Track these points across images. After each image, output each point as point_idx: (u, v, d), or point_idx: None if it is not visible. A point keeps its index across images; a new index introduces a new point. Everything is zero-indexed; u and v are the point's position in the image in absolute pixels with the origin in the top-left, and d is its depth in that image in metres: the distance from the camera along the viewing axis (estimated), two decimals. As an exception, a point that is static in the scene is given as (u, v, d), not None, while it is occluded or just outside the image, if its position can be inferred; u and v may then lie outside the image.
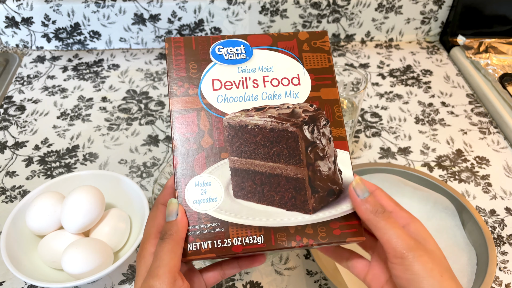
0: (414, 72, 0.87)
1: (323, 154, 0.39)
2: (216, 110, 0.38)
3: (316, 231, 0.37)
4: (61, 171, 0.66)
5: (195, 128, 0.38)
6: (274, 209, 0.37)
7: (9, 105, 0.77)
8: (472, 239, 0.55)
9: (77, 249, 0.49)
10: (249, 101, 0.39)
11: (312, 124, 0.39)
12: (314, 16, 0.89)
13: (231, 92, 0.39)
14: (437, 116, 0.77)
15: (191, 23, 0.88)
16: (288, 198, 0.38)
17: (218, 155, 0.38)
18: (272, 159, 0.38)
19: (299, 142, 0.38)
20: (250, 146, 0.38)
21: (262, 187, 0.38)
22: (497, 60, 0.86)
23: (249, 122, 0.38)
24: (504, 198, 0.63)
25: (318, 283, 0.53)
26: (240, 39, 0.40)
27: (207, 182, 0.37)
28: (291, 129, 0.38)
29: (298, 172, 0.38)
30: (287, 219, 0.37)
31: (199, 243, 0.35)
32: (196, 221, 0.36)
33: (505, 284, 0.54)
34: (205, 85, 0.39)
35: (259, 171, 0.38)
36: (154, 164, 0.67)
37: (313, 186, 0.38)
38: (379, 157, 0.69)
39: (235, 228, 0.36)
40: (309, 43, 0.41)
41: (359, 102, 0.57)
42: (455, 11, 0.89)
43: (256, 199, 0.38)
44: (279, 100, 0.39)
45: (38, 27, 0.86)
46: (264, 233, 0.36)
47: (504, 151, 0.70)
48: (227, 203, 0.37)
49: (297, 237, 0.36)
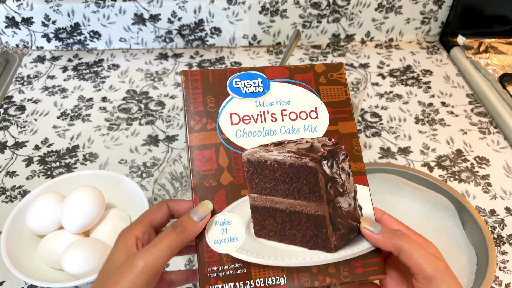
0: (414, 72, 0.87)
1: (343, 189, 0.38)
2: (235, 146, 0.38)
3: (338, 270, 0.36)
4: (61, 171, 0.66)
5: (214, 164, 0.37)
6: (296, 248, 0.37)
7: (9, 105, 0.77)
8: (472, 239, 0.55)
9: (77, 249, 0.49)
10: (268, 136, 0.38)
11: (331, 159, 0.38)
12: (314, 16, 0.89)
13: (250, 126, 0.38)
14: (437, 116, 0.77)
15: (191, 23, 0.88)
16: (309, 237, 0.37)
17: (238, 192, 0.37)
18: (293, 196, 0.38)
19: (318, 178, 0.38)
20: (270, 182, 0.38)
21: (283, 225, 0.37)
22: (497, 60, 0.86)
23: (268, 157, 0.38)
24: (504, 198, 0.63)
25: (318, 283, 0.53)
26: (257, 72, 0.40)
27: (228, 221, 0.36)
28: (311, 164, 0.38)
29: (319, 209, 0.37)
30: (309, 259, 0.36)
31: (221, 285, 0.34)
32: (217, 262, 0.35)
33: (505, 284, 0.54)
34: (223, 120, 0.38)
35: (280, 208, 0.38)
36: (154, 164, 0.67)
37: (334, 223, 0.37)
38: (379, 157, 0.69)
39: (257, 269, 0.35)
40: (326, 75, 0.41)
41: (359, 102, 0.57)
42: (455, 11, 0.89)
43: (278, 238, 0.37)
44: (297, 134, 0.39)
45: (38, 27, 0.86)
46: (286, 273, 0.35)
47: (504, 151, 0.71)
48: (249, 243, 0.36)
49: (320, 277, 0.36)
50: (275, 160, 0.38)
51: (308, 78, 0.40)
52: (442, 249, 0.55)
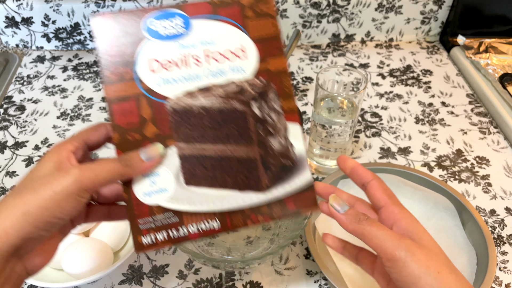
0: (414, 72, 0.87)
1: (274, 130, 0.37)
2: (157, 95, 0.35)
3: (271, 208, 0.36)
4: (61, 171, 0.66)
5: (136, 117, 0.35)
6: (228, 192, 0.36)
7: (9, 105, 0.77)
8: (472, 239, 0.55)
9: (77, 249, 0.49)
10: (192, 81, 0.36)
11: (261, 100, 0.37)
12: (314, 16, 0.89)
13: (172, 73, 0.36)
14: (437, 116, 0.77)
15: (191, 23, 0.88)
16: (241, 179, 0.37)
17: (164, 143, 0.35)
18: (222, 141, 0.37)
19: (248, 121, 0.37)
20: (197, 130, 0.36)
21: (214, 171, 0.37)
22: (497, 60, 0.86)
23: (194, 104, 0.36)
24: (504, 198, 0.63)
25: (318, 283, 0.53)
26: (176, 10, 0.36)
27: (156, 173, 0.35)
28: (240, 108, 0.37)
29: (250, 151, 0.37)
30: (241, 201, 0.36)
31: (154, 235, 0.35)
32: (148, 213, 0.35)
33: (505, 284, 0.54)
34: (142, 67, 0.35)
35: (209, 155, 0.37)
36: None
37: (265, 164, 0.37)
38: (379, 157, 0.69)
39: (189, 216, 0.35)
40: (253, 8, 0.37)
41: (359, 102, 0.57)
42: (455, 11, 0.89)
43: (209, 184, 0.36)
44: (224, 77, 0.37)
45: (38, 27, 0.86)
46: (220, 217, 0.36)
47: (504, 151, 0.70)
48: (179, 192, 0.35)
49: (252, 216, 0.36)
50: (201, 106, 0.36)
51: (234, 13, 0.37)
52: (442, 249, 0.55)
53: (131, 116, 0.35)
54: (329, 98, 0.59)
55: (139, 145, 0.35)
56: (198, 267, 0.55)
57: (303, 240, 0.58)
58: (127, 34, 0.35)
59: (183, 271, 0.54)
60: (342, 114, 0.60)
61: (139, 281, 0.53)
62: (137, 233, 0.35)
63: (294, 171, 0.37)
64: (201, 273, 0.54)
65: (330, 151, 0.62)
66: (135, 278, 0.53)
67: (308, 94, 0.81)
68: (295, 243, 0.57)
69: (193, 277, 0.54)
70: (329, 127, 0.59)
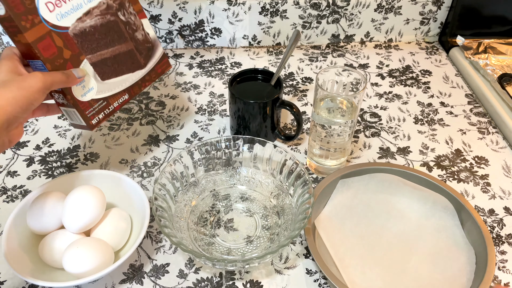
0: (413, 72, 0.87)
1: (136, 27, 0.56)
2: (61, 27, 0.48)
3: (150, 75, 0.59)
4: (62, 171, 0.66)
5: (54, 48, 0.48)
6: (126, 76, 0.57)
7: (10, 105, 0.77)
8: (471, 238, 0.55)
9: (78, 248, 0.49)
10: (78, 10, 0.50)
11: (122, 9, 0.54)
12: (314, 16, 0.89)
13: (63, 8, 0.48)
14: (436, 116, 0.77)
15: (192, 23, 0.88)
16: (130, 65, 0.57)
17: (78, 58, 0.51)
18: (111, 45, 0.54)
19: (120, 26, 0.54)
20: (94, 43, 0.52)
21: (113, 66, 0.55)
22: (496, 60, 0.86)
23: (85, 26, 0.51)
24: (503, 197, 0.64)
25: (317, 282, 0.53)
26: None
27: (82, 81, 0.51)
28: (112, 19, 0.53)
29: (128, 46, 0.56)
30: (135, 78, 0.58)
31: (96, 116, 0.54)
32: (88, 106, 0.53)
33: (504, 284, 0.54)
34: (43, 11, 0.47)
35: (107, 57, 0.54)
36: (155, 164, 0.67)
37: (139, 50, 0.57)
38: (379, 157, 0.69)
39: (111, 98, 0.55)
40: None
41: (358, 102, 0.58)
42: (454, 11, 0.89)
43: (114, 75, 0.55)
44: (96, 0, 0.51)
45: (38, 27, 0.86)
46: (127, 91, 0.57)
47: (503, 151, 0.71)
48: (100, 86, 0.54)
49: (142, 84, 0.59)
50: (90, 26, 0.51)
51: None
52: (441, 248, 0.55)
53: (51, 49, 0.48)
54: (328, 98, 0.60)
55: (64, 66, 0.49)
56: (198, 266, 0.55)
57: (302, 240, 0.58)
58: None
59: (184, 270, 0.54)
60: (342, 114, 0.60)
61: (140, 280, 0.53)
62: (88, 120, 0.53)
63: (154, 49, 0.59)
64: (202, 272, 0.54)
65: (329, 151, 0.62)
66: (135, 277, 0.54)
67: (308, 94, 0.81)
68: (295, 242, 0.58)
69: (193, 276, 0.54)
70: (328, 127, 0.60)
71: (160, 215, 0.52)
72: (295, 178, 0.58)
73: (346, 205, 0.60)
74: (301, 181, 0.56)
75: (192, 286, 0.53)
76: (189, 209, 0.60)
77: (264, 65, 0.88)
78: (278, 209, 0.60)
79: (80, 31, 0.50)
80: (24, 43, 0.46)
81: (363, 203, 0.60)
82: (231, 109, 0.69)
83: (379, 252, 0.55)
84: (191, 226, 0.58)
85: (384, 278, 0.52)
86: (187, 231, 0.57)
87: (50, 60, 0.48)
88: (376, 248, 0.55)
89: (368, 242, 0.56)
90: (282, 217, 0.59)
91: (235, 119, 0.69)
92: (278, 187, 0.61)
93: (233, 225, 0.59)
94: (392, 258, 0.54)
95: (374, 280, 0.52)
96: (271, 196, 0.61)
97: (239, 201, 0.61)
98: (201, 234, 0.57)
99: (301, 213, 0.53)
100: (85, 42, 0.51)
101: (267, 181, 0.62)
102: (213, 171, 0.63)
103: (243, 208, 0.61)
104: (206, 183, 0.63)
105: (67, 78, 0.48)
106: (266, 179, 0.63)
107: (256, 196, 0.62)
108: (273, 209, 0.60)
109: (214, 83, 0.83)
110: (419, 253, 0.55)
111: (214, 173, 0.63)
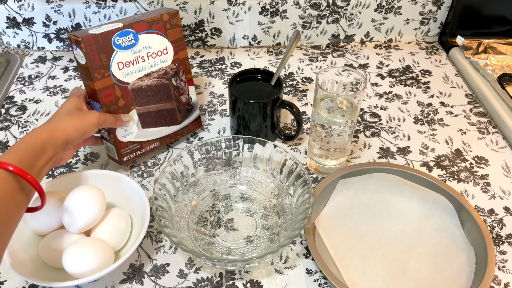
0: (413, 72, 0.87)
1: (182, 91, 0.66)
2: (123, 82, 0.60)
3: (182, 130, 0.69)
4: (62, 171, 0.66)
5: (113, 96, 0.59)
6: (163, 128, 0.67)
7: (10, 105, 0.77)
8: (471, 238, 0.55)
9: (78, 248, 0.49)
10: (141, 71, 0.61)
11: (176, 76, 0.65)
12: (313, 16, 0.89)
13: (130, 68, 0.60)
14: (436, 116, 0.77)
15: (192, 23, 0.88)
16: (168, 120, 0.67)
17: (129, 108, 0.61)
18: (158, 102, 0.64)
19: (170, 89, 0.65)
20: (145, 98, 0.63)
21: (155, 118, 0.65)
22: (496, 60, 0.86)
23: (142, 85, 0.62)
24: (503, 197, 0.64)
25: (317, 282, 0.54)
26: (129, 29, 0.58)
27: (127, 125, 0.62)
28: (166, 82, 0.64)
29: (172, 105, 0.66)
30: (169, 130, 0.68)
31: (128, 155, 0.64)
32: (125, 146, 0.63)
33: (504, 283, 0.54)
34: (114, 68, 0.58)
35: (152, 110, 0.64)
36: (155, 164, 0.67)
37: (179, 110, 0.67)
38: (378, 157, 0.69)
39: (145, 143, 0.65)
40: (170, 22, 0.61)
41: (358, 102, 0.58)
42: (454, 11, 0.89)
43: (153, 125, 0.65)
44: (157, 66, 0.62)
45: (39, 27, 0.87)
46: (159, 140, 0.67)
47: (503, 151, 0.71)
48: (139, 132, 0.64)
49: (174, 137, 0.68)
50: (146, 85, 0.62)
51: (160, 27, 0.61)
52: (441, 248, 0.55)
53: (110, 97, 0.59)
54: (328, 98, 0.60)
55: (116, 111, 0.60)
56: (198, 266, 0.55)
57: (302, 239, 0.58)
58: (104, 48, 0.56)
59: (184, 270, 0.54)
60: (342, 114, 0.60)
61: (140, 280, 0.53)
62: (121, 156, 0.63)
63: (192, 111, 0.69)
64: (202, 272, 0.54)
65: (329, 151, 0.62)
66: (136, 277, 0.54)
67: (308, 94, 0.81)
68: (295, 242, 0.58)
69: (193, 276, 0.54)
70: (328, 127, 0.60)
71: (160, 215, 0.52)
72: (295, 178, 0.58)
73: (346, 205, 0.60)
74: (301, 181, 0.56)
75: (192, 286, 0.53)
76: (189, 209, 0.60)
77: (264, 65, 0.88)
78: (278, 209, 0.60)
79: (137, 87, 0.61)
80: (92, 88, 0.57)
81: (363, 203, 0.60)
82: (231, 109, 0.69)
83: (379, 252, 0.55)
84: (191, 226, 0.58)
85: (384, 278, 0.52)
86: (187, 231, 0.57)
87: (107, 105, 0.58)
88: (376, 248, 0.55)
89: (368, 242, 0.56)
90: (282, 217, 0.59)
91: (235, 119, 0.69)
92: (278, 187, 0.61)
93: (233, 225, 0.59)
94: (392, 258, 0.54)
95: (374, 280, 0.52)
96: (271, 196, 0.61)
97: (239, 201, 0.62)
98: (201, 234, 0.57)
99: (301, 213, 0.53)
100: (139, 96, 0.62)
101: (267, 181, 0.62)
102: (213, 171, 0.63)
103: (243, 208, 0.61)
104: (206, 183, 0.63)
105: (116, 120, 0.59)
106: (266, 179, 0.63)
107: (256, 196, 0.62)
108: (273, 209, 0.60)
109: (214, 83, 0.83)
110: (419, 253, 0.55)
111: (214, 173, 0.63)
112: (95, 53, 0.55)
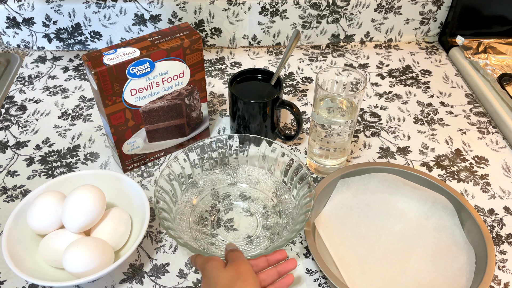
0: (413, 72, 0.87)
1: (194, 108, 0.66)
2: (134, 106, 0.59)
3: (189, 141, 0.69)
4: (62, 171, 0.66)
5: (122, 118, 0.59)
6: (170, 141, 0.67)
7: (10, 105, 0.77)
8: (471, 238, 0.55)
9: (78, 248, 0.49)
10: (154, 95, 0.60)
11: (190, 96, 0.64)
12: (313, 16, 0.89)
13: (143, 93, 0.59)
14: (436, 116, 0.77)
15: (192, 23, 0.88)
16: (176, 134, 0.67)
17: (138, 127, 0.62)
18: (168, 119, 0.64)
19: (182, 107, 0.64)
20: (155, 117, 0.63)
21: (163, 133, 0.65)
22: (496, 60, 0.86)
23: (154, 106, 0.61)
24: (502, 197, 0.64)
25: (317, 282, 0.54)
26: (146, 58, 0.56)
27: (133, 141, 0.63)
28: (178, 102, 0.63)
29: (182, 121, 0.66)
30: (176, 142, 0.68)
31: (132, 165, 0.65)
32: (129, 158, 0.64)
33: (504, 283, 0.54)
34: (127, 94, 0.58)
35: (161, 127, 0.64)
36: (155, 164, 0.67)
37: (188, 124, 0.67)
38: (378, 157, 0.69)
39: (150, 154, 0.66)
40: (190, 47, 0.59)
41: (358, 102, 0.58)
42: (454, 11, 0.89)
43: (161, 139, 0.66)
44: (171, 89, 0.61)
45: (39, 27, 0.87)
46: (164, 150, 0.67)
47: (503, 151, 0.71)
48: (145, 146, 0.65)
49: (180, 147, 0.69)
50: (158, 106, 0.62)
51: (179, 53, 0.59)
52: (441, 248, 0.55)
53: (120, 119, 0.59)
54: (328, 98, 0.60)
55: (124, 131, 0.61)
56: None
57: (302, 239, 0.58)
58: (117, 77, 0.55)
59: (184, 270, 0.54)
60: (342, 114, 0.60)
61: (140, 280, 0.53)
62: (125, 166, 0.65)
63: (201, 124, 0.69)
64: (202, 272, 0.54)
65: (329, 150, 0.62)
66: (136, 277, 0.54)
67: (308, 94, 0.81)
68: (295, 242, 0.58)
69: (193, 276, 0.54)
70: (328, 127, 0.60)
71: (163, 217, 0.52)
72: (298, 180, 0.58)
73: (346, 204, 0.60)
74: (304, 183, 0.56)
75: (192, 286, 0.53)
76: (189, 210, 0.60)
77: (264, 65, 0.88)
78: (279, 208, 0.60)
79: (149, 109, 0.61)
80: (101, 110, 0.58)
81: (363, 203, 0.60)
82: (231, 109, 0.69)
83: (379, 252, 0.55)
84: (192, 226, 0.58)
85: (384, 278, 0.52)
86: (188, 231, 0.57)
87: (115, 126, 0.59)
88: (376, 248, 0.55)
89: (368, 242, 0.56)
90: (283, 217, 0.59)
91: (235, 119, 0.69)
92: (278, 186, 0.61)
93: (233, 224, 0.59)
94: (392, 258, 0.54)
95: (374, 280, 0.52)
96: (272, 195, 0.61)
97: (239, 200, 0.62)
98: (202, 234, 0.57)
99: (301, 215, 0.53)
100: (149, 117, 0.62)
101: (267, 180, 0.62)
102: (212, 171, 0.63)
103: (244, 207, 0.61)
104: (205, 183, 0.63)
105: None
106: (266, 178, 0.63)
107: (256, 195, 0.62)
108: (273, 209, 0.60)
109: (214, 83, 0.83)
110: (419, 253, 0.55)
111: (213, 173, 0.63)
112: (108, 83, 0.55)
